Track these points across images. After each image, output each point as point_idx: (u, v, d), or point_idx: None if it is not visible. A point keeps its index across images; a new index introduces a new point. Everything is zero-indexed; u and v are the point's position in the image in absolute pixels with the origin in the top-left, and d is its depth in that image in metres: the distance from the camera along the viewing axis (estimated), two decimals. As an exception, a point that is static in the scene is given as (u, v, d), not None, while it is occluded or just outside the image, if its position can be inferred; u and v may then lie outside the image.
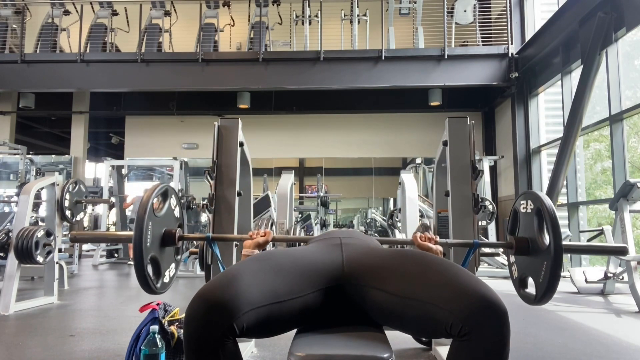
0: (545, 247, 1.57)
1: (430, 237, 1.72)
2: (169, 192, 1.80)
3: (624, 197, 3.90)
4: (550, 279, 1.53)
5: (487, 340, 1.06)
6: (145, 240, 1.59)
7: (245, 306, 1.10)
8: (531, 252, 1.68)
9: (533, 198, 1.67)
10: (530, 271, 1.70)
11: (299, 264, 1.30)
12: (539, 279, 1.60)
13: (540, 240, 1.62)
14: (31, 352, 2.46)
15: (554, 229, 1.53)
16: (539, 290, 1.61)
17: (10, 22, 8.10)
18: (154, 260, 1.70)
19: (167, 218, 1.78)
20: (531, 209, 1.68)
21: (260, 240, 1.71)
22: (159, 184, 1.73)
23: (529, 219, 1.70)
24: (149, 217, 1.61)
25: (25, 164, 8.74)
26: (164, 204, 1.77)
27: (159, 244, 1.72)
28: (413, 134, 9.37)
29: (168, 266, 1.82)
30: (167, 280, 1.81)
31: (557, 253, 1.51)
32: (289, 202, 4.41)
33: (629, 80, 5.42)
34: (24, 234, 3.53)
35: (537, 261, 1.63)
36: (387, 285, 1.23)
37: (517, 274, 1.82)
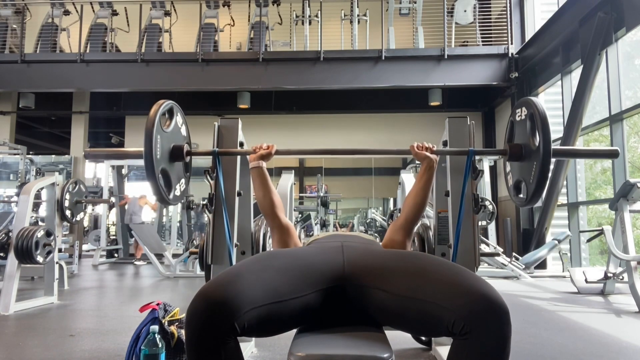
0: (536, 147, 1.62)
1: (427, 146, 1.79)
2: (175, 109, 1.83)
3: (624, 197, 3.90)
4: (539, 178, 1.59)
5: (488, 338, 1.06)
6: (155, 153, 1.63)
7: (246, 305, 1.10)
8: (524, 156, 1.74)
9: (527, 104, 1.70)
10: (523, 175, 1.75)
11: (300, 264, 1.30)
12: (530, 180, 1.66)
13: (532, 144, 1.66)
14: (31, 352, 2.46)
15: (544, 131, 1.57)
16: (529, 191, 1.67)
17: (10, 22, 8.10)
18: (165, 172, 1.74)
19: (174, 134, 1.83)
20: (525, 115, 1.71)
21: (264, 153, 1.79)
22: (165, 100, 1.75)
23: (523, 125, 1.74)
24: (157, 132, 1.65)
25: (25, 164, 8.75)
26: (170, 121, 1.80)
27: (168, 158, 1.77)
28: (413, 134, 9.34)
29: (178, 180, 1.87)
30: (179, 193, 1.87)
31: (545, 153, 1.56)
32: (289, 202, 4.41)
33: (629, 80, 5.42)
34: (24, 234, 3.52)
35: (529, 165, 1.69)
36: (388, 284, 1.24)
37: (512, 181, 1.87)
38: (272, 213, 1.78)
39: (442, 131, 2.36)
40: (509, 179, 1.91)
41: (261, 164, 1.81)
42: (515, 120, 1.82)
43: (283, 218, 1.78)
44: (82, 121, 9.34)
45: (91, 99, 9.55)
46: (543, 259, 6.08)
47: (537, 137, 1.61)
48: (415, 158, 1.77)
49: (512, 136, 1.87)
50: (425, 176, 1.76)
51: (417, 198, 1.75)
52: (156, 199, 1.74)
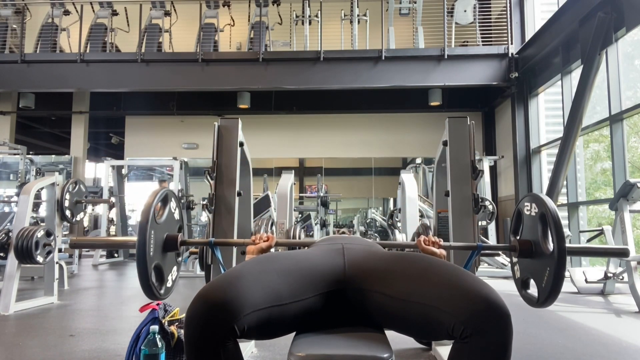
0: (549, 252, 1.58)
1: (435, 240, 1.70)
2: (169, 196, 1.80)
3: (624, 197, 3.90)
4: (554, 283, 1.55)
5: (489, 342, 1.05)
6: (148, 250, 1.58)
7: (246, 308, 1.10)
8: (534, 255, 1.69)
9: (538, 202, 1.68)
10: (533, 274, 1.71)
11: (301, 267, 1.30)
12: (542, 283, 1.61)
13: (544, 244, 1.63)
14: (31, 352, 2.46)
15: (558, 234, 1.54)
16: (541, 294, 1.63)
17: (10, 22, 8.10)
18: (157, 267, 1.70)
19: (168, 223, 1.78)
20: (535, 213, 1.69)
21: (264, 246, 1.69)
22: (158, 190, 1.71)
23: (533, 221, 1.71)
24: (151, 226, 1.60)
25: (25, 164, 8.74)
26: (164, 210, 1.76)
27: (162, 251, 1.72)
28: (413, 134, 9.37)
29: (170, 270, 1.82)
30: (170, 284, 1.82)
31: (561, 258, 1.53)
32: (289, 202, 4.41)
33: (629, 80, 5.42)
34: (24, 234, 3.52)
35: (540, 264, 1.65)
36: (389, 288, 1.23)
37: (520, 275, 1.83)
38: None
39: (442, 131, 2.36)
40: (515, 272, 1.88)
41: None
42: (523, 213, 1.79)
43: None
44: (82, 121, 9.33)
45: (91, 99, 9.55)
46: (543, 259, 6.07)
47: (551, 241, 1.58)
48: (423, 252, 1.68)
49: (519, 228, 1.83)
50: None
51: None
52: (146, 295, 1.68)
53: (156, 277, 1.69)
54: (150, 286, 1.62)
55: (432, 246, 1.67)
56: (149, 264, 1.60)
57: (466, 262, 1.82)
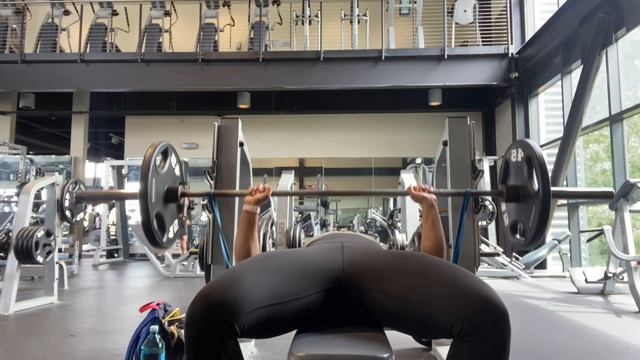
0: (535, 192, 1.62)
1: (424, 187, 1.75)
2: (169, 150, 1.85)
3: (624, 197, 3.90)
4: (539, 222, 1.58)
5: (487, 341, 1.06)
6: (150, 197, 1.63)
7: (246, 307, 1.10)
8: (521, 198, 1.73)
9: (523, 146, 1.71)
10: (521, 217, 1.75)
11: (301, 265, 1.30)
12: (529, 223, 1.66)
13: (530, 186, 1.66)
14: (31, 352, 2.46)
15: (542, 175, 1.57)
16: (528, 234, 1.67)
17: (10, 22, 8.10)
18: (159, 216, 1.74)
19: (168, 176, 1.84)
20: (521, 158, 1.72)
21: (260, 197, 1.73)
22: (158, 142, 1.76)
23: (519, 167, 1.74)
24: (152, 175, 1.65)
25: (25, 164, 8.75)
26: (164, 163, 1.81)
27: (163, 201, 1.78)
28: (413, 134, 9.37)
29: (172, 222, 1.88)
30: (172, 235, 1.87)
31: (545, 197, 1.56)
32: (289, 202, 4.41)
33: (629, 80, 5.42)
34: (24, 234, 3.52)
35: (526, 207, 1.69)
36: (388, 286, 1.24)
37: (509, 221, 1.87)
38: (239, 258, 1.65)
39: (442, 131, 2.36)
40: (505, 219, 1.91)
41: (255, 210, 1.70)
42: (510, 160, 1.81)
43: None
44: (82, 121, 9.33)
45: (91, 99, 9.55)
46: (543, 259, 6.08)
47: (536, 181, 1.61)
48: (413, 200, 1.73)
49: (507, 176, 1.85)
50: (431, 216, 1.67)
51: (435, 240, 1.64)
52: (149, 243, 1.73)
53: (158, 225, 1.73)
54: (152, 232, 1.67)
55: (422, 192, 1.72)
56: (151, 210, 1.65)
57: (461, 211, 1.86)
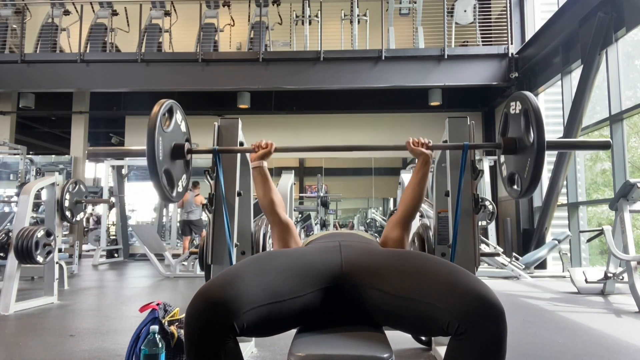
0: (530, 143, 1.64)
1: (423, 141, 1.82)
2: (174, 108, 1.86)
3: (624, 197, 3.90)
4: (534, 172, 1.61)
5: (483, 338, 1.06)
6: (157, 154, 1.67)
7: (245, 305, 1.10)
8: (518, 150, 1.76)
9: (521, 99, 1.72)
10: (517, 168, 1.77)
11: (299, 264, 1.31)
12: (524, 174, 1.69)
13: (527, 138, 1.68)
14: (31, 352, 2.46)
15: (538, 126, 1.59)
16: (523, 184, 1.70)
17: (10, 22, 8.10)
18: (167, 172, 1.78)
19: (175, 133, 1.86)
20: (519, 110, 1.73)
21: (263, 152, 1.85)
22: (164, 100, 1.77)
23: (517, 119, 1.76)
24: (158, 133, 1.68)
25: (25, 164, 8.75)
26: (170, 121, 1.83)
27: (170, 157, 1.81)
28: (413, 134, 9.26)
29: (180, 177, 1.92)
30: (180, 190, 1.93)
31: (539, 148, 1.58)
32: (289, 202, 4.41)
33: (629, 80, 5.42)
34: (24, 234, 3.52)
35: (522, 158, 1.72)
36: (385, 284, 1.24)
37: (506, 172, 1.89)
38: (272, 210, 1.81)
39: (442, 131, 2.36)
40: (503, 171, 1.95)
41: (262, 164, 1.85)
42: (509, 113, 1.84)
43: (283, 215, 1.81)
44: (82, 121, 9.33)
45: (91, 99, 9.55)
46: (543, 259, 6.08)
47: (532, 132, 1.63)
48: (410, 153, 1.81)
49: (506, 129, 1.88)
50: (422, 171, 1.80)
51: (414, 192, 1.78)
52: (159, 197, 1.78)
53: (167, 181, 1.77)
54: (161, 187, 1.70)
55: (420, 147, 1.80)
56: (159, 167, 1.68)
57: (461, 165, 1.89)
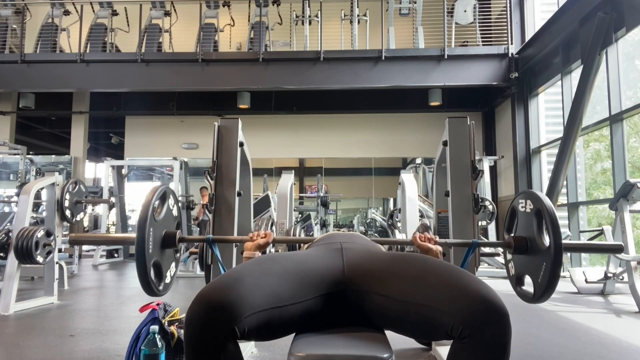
0: (545, 247, 1.58)
1: (430, 237, 1.70)
2: (167, 193, 1.80)
3: (624, 197, 3.90)
4: (550, 278, 1.55)
5: (488, 342, 1.05)
6: (147, 248, 1.59)
7: (247, 309, 1.09)
8: (530, 251, 1.69)
9: (533, 198, 1.68)
10: (528, 270, 1.71)
11: (301, 268, 1.30)
12: (538, 279, 1.62)
13: (540, 240, 1.63)
14: (31, 352, 2.46)
15: (554, 230, 1.54)
16: (537, 290, 1.63)
17: (10, 22, 8.10)
18: (156, 264, 1.70)
19: (166, 220, 1.79)
20: (530, 209, 1.69)
21: (261, 242, 1.70)
22: (157, 187, 1.71)
23: (528, 218, 1.70)
24: (150, 224, 1.61)
25: (25, 164, 8.74)
26: (162, 207, 1.76)
27: (160, 247, 1.73)
28: (413, 134, 9.37)
29: (169, 266, 1.83)
30: (169, 280, 1.83)
31: (557, 254, 1.53)
32: (289, 202, 4.41)
33: (629, 80, 5.42)
34: (24, 234, 3.52)
35: (535, 260, 1.65)
36: (388, 289, 1.23)
37: (515, 272, 1.83)
38: None
39: (442, 131, 2.36)
40: (510, 269, 1.88)
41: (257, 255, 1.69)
42: (517, 209, 1.79)
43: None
44: (82, 121, 9.33)
45: (91, 99, 9.55)
46: (543, 259, 6.06)
47: (546, 236, 1.58)
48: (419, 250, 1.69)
49: (513, 225, 1.84)
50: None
51: None
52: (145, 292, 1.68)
53: (155, 274, 1.70)
54: (149, 283, 1.62)
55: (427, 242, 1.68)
56: (148, 261, 1.60)
57: (463, 260, 1.82)
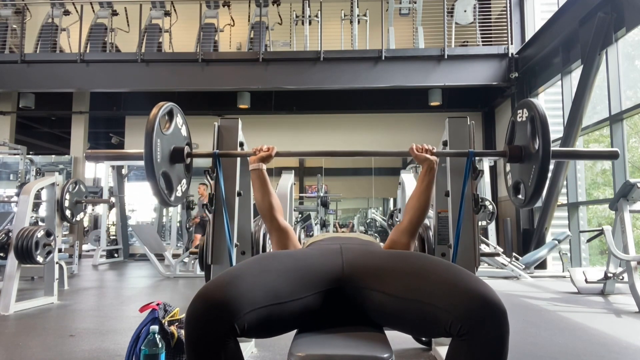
0: (535, 151, 1.62)
1: (427, 148, 1.78)
2: (175, 111, 1.83)
3: (624, 197, 3.90)
4: (538, 181, 1.60)
5: (486, 339, 1.06)
6: (155, 156, 1.64)
7: (246, 306, 1.10)
8: (523, 158, 1.75)
9: (528, 106, 1.70)
10: (522, 176, 1.76)
11: (300, 265, 1.30)
12: (528, 183, 1.67)
13: (532, 146, 1.66)
14: (31, 352, 2.46)
15: (543, 134, 1.58)
16: (527, 193, 1.69)
17: (10, 22, 8.10)
18: (166, 175, 1.76)
19: (174, 136, 1.84)
20: (526, 117, 1.72)
21: (264, 155, 1.80)
22: (164, 103, 1.75)
23: (524, 126, 1.74)
24: (157, 135, 1.66)
25: (25, 164, 8.75)
26: (170, 124, 1.81)
27: (169, 160, 1.79)
28: (413, 134, 9.36)
29: (179, 182, 1.89)
30: (180, 194, 1.90)
31: (544, 156, 1.57)
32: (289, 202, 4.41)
33: (629, 80, 5.42)
34: (24, 234, 3.52)
35: (527, 167, 1.70)
36: (386, 286, 1.24)
37: (512, 181, 1.89)
38: (271, 215, 1.76)
39: (442, 131, 2.36)
40: (508, 179, 1.93)
41: (261, 167, 1.81)
42: (516, 121, 1.82)
43: (282, 221, 1.77)
44: (82, 121, 9.34)
45: (91, 99, 9.55)
46: (543, 259, 6.08)
47: (537, 140, 1.61)
48: (414, 160, 1.76)
49: (513, 137, 1.86)
50: (427, 178, 1.74)
51: (420, 201, 1.72)
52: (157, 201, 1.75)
53: (165, 185, 1.75)
54: (159, 191, 1.68)
55: (424, 153, 1.76)
56: (157, 170, 1.66)
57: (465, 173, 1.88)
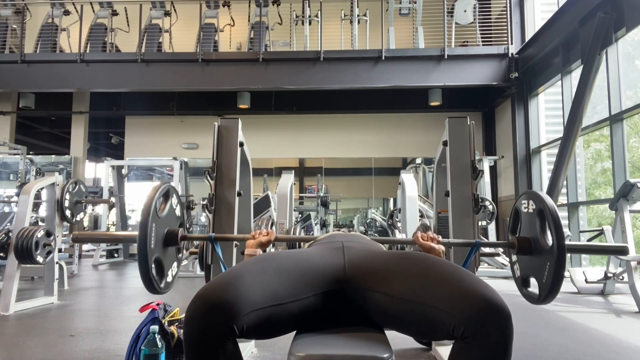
0: (548, 247, 1.57)
1: (433, 236, 1.69)
2: (171, 192, 1.81)
3: (624, 197, 3.90)
4: (554, 279, 1.54)
5: (489, 342, 1.05)
6: (149, 243, 1.60)
7: (246, 307, 1.09)
8: (533, 252, 1.68)
9: (535, 198, 1.67)
10: (533, 271, 1.70)
11: (301, 266, 1.29)
12: (542, 279, 1.61)
13: (543, 240, 1.62)
14: (31, 352, 2.46)
15: (557, 229, 1.53)
16: (542, 290, 1.62)
17: (10, 22, 8.10)
18: (158, 261, 1.71)
19: (169, 218, 1.79)
20: (533, 209, 1.68)
21: (263, 240, 1.70)
22: (161, 184, 1.73)
23: (531, 218, 1.70)
24: (152, 219, 1.62)
25: (25, 164, 8.74)
26: (165, 205, 1.77)
27: (162, 245, 1.74)
28: (413, 134, 9.37)
29: (171, 265, 1.84)
30: (170, 279, 1.83)
31: (560, 253, 1.52)
32: (289, 202, 4.41)
33: (629, 80, 5.42)
34: (24, 234, 3.52)
35: (539, 261, 1.64)
36: (389, 288, 1.23)
37: (520, 274, 1.82)
38: None
39: (442, 131, 2.36)
40: (515, 270, 1.88)
41: (258, 252, 1.70)
42: (520, 210, 1.79)
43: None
44: (82, 121, 9.33)
45: (91, 99, 9.55)
46: (543, 259, 6.06)
47: (549, 236, 1.58)
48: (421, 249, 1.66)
49: (517, 226, 1.83)
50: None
51: None
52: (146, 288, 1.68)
53: (156, 271, 1.70)
54: (150, 279, 1.63)
55: (430, 242, 1.66)
56: (150, 256, 1.61)
57: (465, 260, 1.81)
